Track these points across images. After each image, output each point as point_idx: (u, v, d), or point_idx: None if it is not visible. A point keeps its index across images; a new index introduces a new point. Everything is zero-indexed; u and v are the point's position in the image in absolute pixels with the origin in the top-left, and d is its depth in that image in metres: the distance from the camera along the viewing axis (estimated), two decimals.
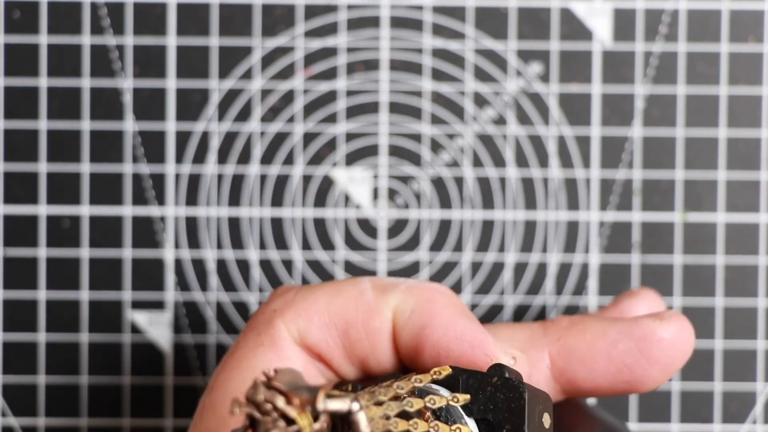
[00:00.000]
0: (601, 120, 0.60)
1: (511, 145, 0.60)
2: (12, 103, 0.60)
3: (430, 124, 0.60)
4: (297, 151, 0.60)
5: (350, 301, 0.46)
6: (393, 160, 0.60)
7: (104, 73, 0.60)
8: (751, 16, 0.60)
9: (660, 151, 0.60)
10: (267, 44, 0.60)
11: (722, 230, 0.60)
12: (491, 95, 0.60)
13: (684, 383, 0.59)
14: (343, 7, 0.60)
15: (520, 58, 0.60)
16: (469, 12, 0.60)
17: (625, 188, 0.60)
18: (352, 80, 0.60)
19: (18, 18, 0.60)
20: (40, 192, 0.60)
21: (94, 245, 0.60)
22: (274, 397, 0.36)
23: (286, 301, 0.47)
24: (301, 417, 0.36)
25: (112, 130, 0.60)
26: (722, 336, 0.59)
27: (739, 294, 0.59)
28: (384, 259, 0.60)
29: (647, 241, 0.60)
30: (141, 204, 0.60)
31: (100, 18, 0.60)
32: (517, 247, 0.60)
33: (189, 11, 0.60)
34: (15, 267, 0.60)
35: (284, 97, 0.60)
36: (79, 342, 0.60)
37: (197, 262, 0.60)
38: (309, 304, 0.46)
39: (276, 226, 0.60)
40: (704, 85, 0.60)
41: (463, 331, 0.45)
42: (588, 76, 0.60)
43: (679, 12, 0.59)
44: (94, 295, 0.60)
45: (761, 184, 0.60)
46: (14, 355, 0.60)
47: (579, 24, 0.60)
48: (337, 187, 0.60)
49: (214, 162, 0.60)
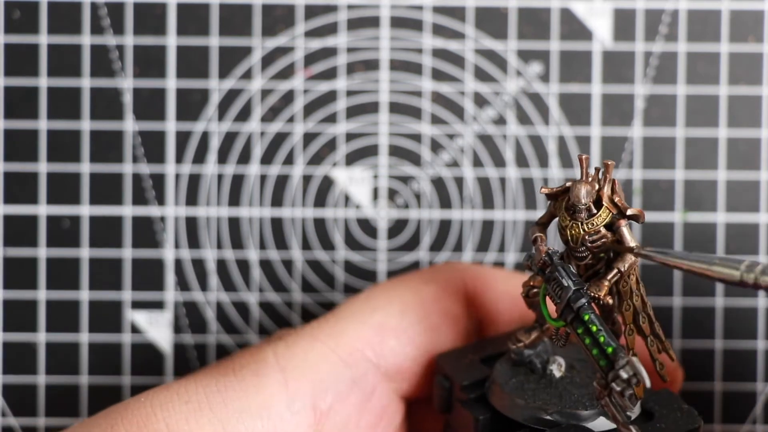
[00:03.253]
0: (601, 120, 0.60)
1: (511, 145, 0.60)
2: (12, 103, 0.60)
3: (430, 124, 0.60)
4: (297, 151, 0.60)
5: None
6: (393, 160, 0.60)
7: (104, 73, 0.60)
8: (751, 16, 0.60)
9: (660, 151, 0.60)
10: (267, 44, 0.60)
11: (722, 230, 0.60)
12: (491, 95, 0.60)
13: (684, 383, 0.59)
14: (343, 7, 0.60)
15: (520, 58, 0.60)
16: (469, 12, 0.60)
17: (625, 188, 0.60)
18: (352, 80, 0.60)
19: (18, 18, 0.60)
20: (40, 192, 0.60)
21: (94, 245, 0.60)
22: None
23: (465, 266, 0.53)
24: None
25: (112, 130, 0.60)
26: (722, 336, 0.59)
27: (739, 294, 0.59)
28: (384, 259, 0.60)
29: (647, 241, 0.60)
30: (141, 204, 0.60)
31: (100, 18, 0.60)
32: (517, 247, 0.60)
33: (189, 11, 0.60)
34: (15, 267, 0.60)
35: (284, 97, 0.60)
36: (79, 342, 0.60)
37: (197, 262, 0.60)
38: (490, 271, 0.53)
39: (276, 226, 0.60)
40: (704, 85, 0.60)
41: None
42: (588, 76, 0.60)
43: (679, 12, 0.59)
44: (94, 295, 0.60)
45: (761, 184, 0.60)
46: (14, 355, 0.60)
47: (579, 24, 0.60)
48: (337, 187, 0.60)
49: (214, 162, 0.60)
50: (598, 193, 0.45)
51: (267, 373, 0.48)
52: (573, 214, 0.45)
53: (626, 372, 0.43)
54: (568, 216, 0.45)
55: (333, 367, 0.49)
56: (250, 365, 0.48)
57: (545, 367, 0.48)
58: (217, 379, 0.48)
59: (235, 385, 0.47)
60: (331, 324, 0.50)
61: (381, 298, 0.51)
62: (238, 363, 0.49)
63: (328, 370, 0.49)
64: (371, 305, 0.50)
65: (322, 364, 0.49)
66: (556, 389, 0.47)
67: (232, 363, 0.49)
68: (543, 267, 0.45)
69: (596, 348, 0.44)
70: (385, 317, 0.50)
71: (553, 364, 0.48)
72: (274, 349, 0.49)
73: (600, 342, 0.44)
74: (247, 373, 0.48)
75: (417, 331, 0.50)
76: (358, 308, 0.50)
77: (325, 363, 0.49)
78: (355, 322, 0.50)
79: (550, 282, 0.45)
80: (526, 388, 0.47)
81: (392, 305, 0.50)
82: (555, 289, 0.45)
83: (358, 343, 0.49)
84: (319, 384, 0.48)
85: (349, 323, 0.50)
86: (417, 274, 0.53)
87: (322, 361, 0.49)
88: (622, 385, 0.43)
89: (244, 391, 0.47)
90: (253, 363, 0.48)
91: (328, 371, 0.49)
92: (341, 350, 0.49)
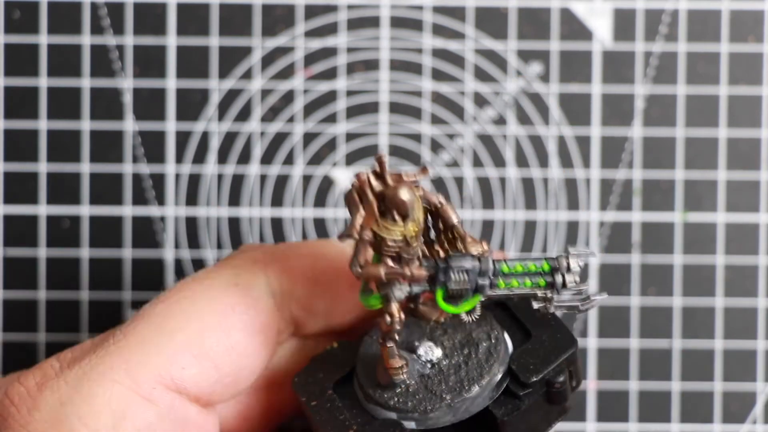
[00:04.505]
0: (601, 120, 0.60)
1: (511, 145, 0.60)
2: (12, 103, 0.60)
3: (430, 124, 0.60)
4: (297, 151, 0.60)
5: (332, 261, 0.48)
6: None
7: (104, 73, 0.60)
8: (751, 16, 0.60)
9: (660, 151, 0.60)
10: (267, 44, 0.60)
11: (722, 230, 0.60)
12: (491, 95, 0.60)
13: (684, 383, 0.59)
14: (343, 7, 0.60)
15: (520, 58, 0.60)
16: (469, 12, 0.60)
17: (625, 188, 0.60)
18: (352, 80, 0.60)
19: (18, 18, 0.60)
20: (40, 192, 0.60)
21: (94, 245, 0.60)
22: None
23: (268, 254, 0.48)
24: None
25: (112, 130, 0.60)
26: (722, 336, 0.59)
27: (739, 294, 0.59)
28: None
29: (647, 241, 0.60)
30: (141, 204, 0.60)
31: (100, 18, 0.60)
32: (517, 247, 0.60)
33: (189, 11, 0.60)
34: (15, 267, 0.60)
35: (284, 97, 0.60)
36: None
37: (197, 262, 0.60)
38: (292, 261, 0.48)
39: (276, 226, 0.60)
40: (704, 85, 0.60)
41: None
42: (588, 76, 0.60)
43: (679, 12, 0.59)
44: (94, 295, 0.60)
45: (761, 184, 0.60)
46: (14, 354, 0.60)
47: (579, 24, 0.60)
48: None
49: (214, 162, 0.60)
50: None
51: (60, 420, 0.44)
52: (404, 217, 0.44)
53: (573, 261, 0.45)
54: (393, 222, 0.44)
55: (135, 408, 0.45)
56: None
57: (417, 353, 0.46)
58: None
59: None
60: (125, 354, 0.46)
61: (178, 317, 0.46)
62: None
63: (130, 413, 0.45)
64: (168, 326, 0.46)
65: (122, 407, 0.45)
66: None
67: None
68: (431, 278, 0.45)
69: (528, 278, 0.45)
70: (185, 341, 0.46)
71: (423, 348, 0.46)
72: (59, 395, 0.45)
73: (531, 271, 0.45)
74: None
75: (218, 353, 0.46)
76: (155, 330, 0.46)
77: (125, 405, 0.45)
78: (153, 350, 0.46)
79: (449, 280, 0.44)
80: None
81: (190, 324, 0.46)
82: (459, 281, 0.44)
83: (159, 375, 0.45)
84: (122, 428, 0.45)
85: (145, 352, 0.46)
86: (216, 276, 0.48)
87: (121, 403, 0.45)
88: (574, 275, 0.45)
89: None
90: (35, 412, 0.45)
91: (130, 414, 0.45)
92: (141, 388, 0.45)
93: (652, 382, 0.59)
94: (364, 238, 0.44)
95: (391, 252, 0.44)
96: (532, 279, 0.45)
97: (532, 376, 0.45)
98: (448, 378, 0.46)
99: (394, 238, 0.44)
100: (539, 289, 0.45)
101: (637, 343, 0.59)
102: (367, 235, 0.44)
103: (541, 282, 0.45)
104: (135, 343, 0.46)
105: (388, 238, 0.44)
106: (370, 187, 0.44)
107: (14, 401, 0.45)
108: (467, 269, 0.44)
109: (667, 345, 0.59)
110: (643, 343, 0.59)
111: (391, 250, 0.44)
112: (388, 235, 0.44)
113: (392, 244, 0.44)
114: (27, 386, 0.46)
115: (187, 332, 0.46)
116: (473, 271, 0.44)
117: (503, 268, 0.45)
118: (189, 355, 0.46)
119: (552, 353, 0.46)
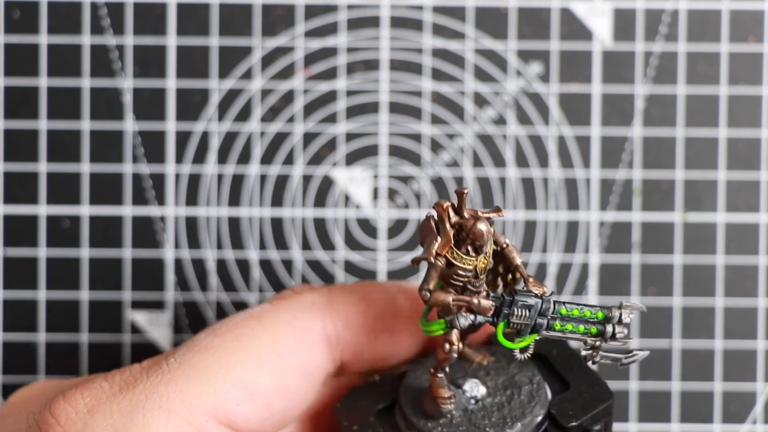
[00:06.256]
0: (601, 120, 0.60)
1: (511, 145, 0.60)
2: (12, 103, 0.60)
3: (430, 124, 0.60)
4: (297, 151, 0.60)
5: (384, 306, 0.49)
6: (393, 160, 0.60)
7: (104, 73, 0.60)
8: (751, 16, 0.60)
9: (660, 151, 0.60)
10: (267, 44, 0.60)
11: (722, 230, 0.60)
12: (491, 95, 0.60)
13: (684, 383, 0.59)
14: (343, 7, 0.60)
15: (520, 58, 0.60)
16: (469, 12, 0.60)
17: (625, 188, 0.60)
18: (352, 80, 0.60)
19: (18, 18, 0.60)
20: (40, 192, 0.60)
21: (94, 245, 0.60)
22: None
23: (324, 297, 0.49)
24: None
25: (112, 130, 0.60)
26: (722, 336, 0.59)
27: (739, 294, 0.59)
28: (384, 259, 0.60)
29: (647, 241, 0.60)
30: (141, 204, 0.60)
31: (100, 18, 0.60)
32: (517, 247, 0.60)
33: (189, 11, 0.60)
34: (15, 267, 0.60)
35: (284, 97, 0.60)
36: (79, 342, 0.60)
37: (197, 262, 0.60)
38: (347, 307, 0.49)
39: (276, 226, 0.60)
40: (704, 85, 0.60)
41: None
42: (588, 76, 0.60)
43: (679, 12, 0.59)
44: (94, 295, 0.60)
45: (761, 184, 0.60)
46: (14, 355, 0.60)
47: (579, 24, 0.60)
48: (337, 187, 0.60)
49: (214, 162, 0.60)
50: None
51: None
52: (477, 250, 0.46)
53: (626, 314, 0.46)
54: (467, 254, 0.46)
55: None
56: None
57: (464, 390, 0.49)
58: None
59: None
60: (181, 384, 0.46)
61: (236, 354, 0.47)
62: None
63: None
64: (226, 361, 0.47)
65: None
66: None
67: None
68: (497, 311, 0.46)
69: (582, 324, 0.46)
70: (241, 378, 0.46)
71: (469, 384, 0.49)
72: (112, 422, 0.45)
73: (586, 317, 0.46)
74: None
75: (272, 392, 0.47)
76: (212, 364, 0.47)
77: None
78: (210, 384, 0.46)
79: (512, 314, 0.46)
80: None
81: (248, 362, 0.47)
82: (521, 316, 0.46)
83: (213, 409, 0.46)
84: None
85: (202, 384, 0.46)
86: (274, 316, 0.48)
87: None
88: (624, 327, 0.46)
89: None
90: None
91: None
92: (196, 420, 0.45)
93: (652, 382, 0.59)
94: (438, 264, 0.46)
95: (459, 282, 0.46)
96: (585, 325, 0.47)
97: (572, 420, 0.47)
98: (491, 414, 0.48)
99: (465, 268, 0.46)
100: (590, 336, 0.47)
101: (637, 343, 0.59)
102: (441, 261, 0.46)
103: (593, 330, 0.47)
104: (192, 374, 0.46)
105: (460, 268, 0.46)
106: (448, 217, 0.46)
107: (60, 422, 0.45)
108: (530, 306, 0.46)
109: (667, 345, 0.60)
110: (644, 343, 0.59)
111: (459, 280, 0.46)
112: (462, 264, 0.46)
113: (462, 274, 0.46)
114: (75, 407, 0.45)
115: (244, 369, 0.47)
116: (535, 308, 0.46)
117: (561, 311, 0.46)
118: (245, 391, 0.46)
119: (591, 402, 0.48)
